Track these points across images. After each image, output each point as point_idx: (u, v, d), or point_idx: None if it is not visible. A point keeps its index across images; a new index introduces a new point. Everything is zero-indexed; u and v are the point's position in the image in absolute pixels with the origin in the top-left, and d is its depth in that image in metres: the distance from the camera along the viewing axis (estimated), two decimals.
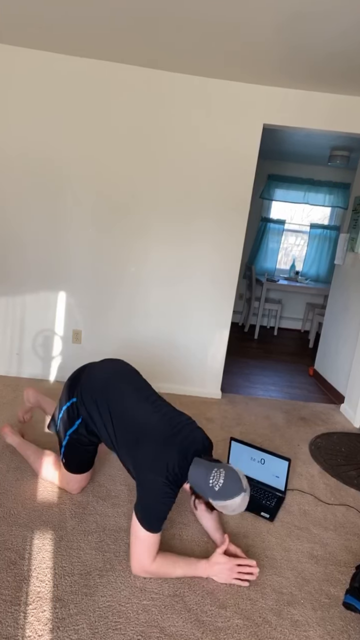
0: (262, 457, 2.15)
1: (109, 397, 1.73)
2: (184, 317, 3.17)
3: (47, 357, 3.21)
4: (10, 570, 1.52)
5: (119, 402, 1.71)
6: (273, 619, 1.46)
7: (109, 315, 3.15)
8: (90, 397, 1.77)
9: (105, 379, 1.80)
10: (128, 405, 1.70)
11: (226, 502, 1.45)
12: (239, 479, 1.46)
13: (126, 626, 1.37)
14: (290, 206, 6.00)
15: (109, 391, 1.75)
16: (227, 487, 1.44)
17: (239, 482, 1.45)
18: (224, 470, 1.48)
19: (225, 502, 1.45)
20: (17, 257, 3.01)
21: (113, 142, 2.86)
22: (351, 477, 2.41)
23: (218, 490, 1.44)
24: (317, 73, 2.49)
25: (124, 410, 1.69)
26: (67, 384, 1.90)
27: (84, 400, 1.78)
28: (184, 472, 1.52)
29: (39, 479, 2.04)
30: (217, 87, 2.79)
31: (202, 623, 1.41)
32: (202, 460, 1.54)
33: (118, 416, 1.68)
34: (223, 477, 1.45)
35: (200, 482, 1.48)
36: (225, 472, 1.47)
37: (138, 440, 1.59)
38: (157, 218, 2.99)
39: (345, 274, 3.73)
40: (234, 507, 1.46)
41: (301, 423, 3.04)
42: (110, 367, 1.90)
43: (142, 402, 1.72)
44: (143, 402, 1.72)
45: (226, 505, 1.45)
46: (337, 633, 1.45)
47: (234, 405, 3.21)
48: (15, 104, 2.76)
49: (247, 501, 1.48)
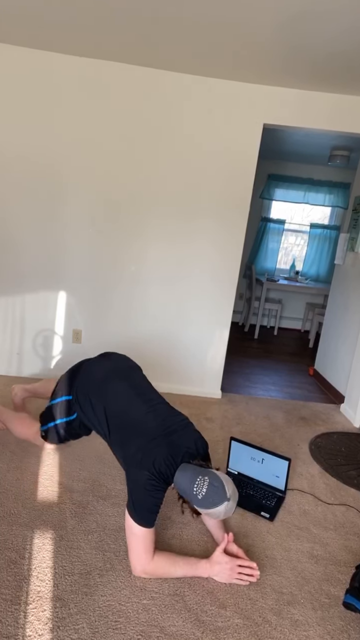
0: (262, 457, 2.15)
1: (104, 397, 1.75)
2: (184, 316, 3.17)
3: (47, 357, 3.21)
4: (11, 569, 1.52)
5: (113, 402, 1.73)
6: (273, 619, 1.46)
7: (109, 314, 3.15)
8: (85, 397, 1.79)
9: (101, 379, 1.81)
10: (122, 404, 1.71)
11: (209, 510, 1.46)
12: (222, 488, 1.46)
13: (126, 625, 1.37)
14: (290, 206, 6.00)
15: (104, 391, 1.76)
16: (209, 496, 1.45)
17: (221, 491, 1.45)
18: (208, 478, 1.48)
19: (209, 510, 1.46)
20: (17, 257, 3.01)
21: (113, 142, 2.86)
22: (351, 477, 2.42)
23: (201, 499, 1.45)
24: (318, 73, 2.49)
25: (119, 410, 1.70)
26: (66, 376, 1.92)
27: (79, 400, 1.80)
28: (171, 471, 1.53)
29: (39, 478, 2.04)
30: (217, 87, 2.79)
31: (202, 623, 1.41)
32: (190, 465, 1.54)
33: (112, 416, 1.70)
34: (206, 485, 1.46)
35: (185, 487, 1.49)
36: (209, 481, 1.47)
37: (129, 438, 1.61)
38: (156, 217, 2.99)
39: (345, 274, 3.73)
40: (218, 514, 1.47)
41: (301, 423, 3.04)
42: (108, 364, 1.90)
43: (137, 401, 1.72)
44: (138, 401, 1.73)
45: (210, 512, 1.47)
46: (337, 633, 1.45)
47: (234, 404, 3.21)
48: (13, 102, 2.76)
49: (234, 508, 1.49)
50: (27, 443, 2.30)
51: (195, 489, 1.46)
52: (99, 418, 1.72)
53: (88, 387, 1.80)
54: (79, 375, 1.87)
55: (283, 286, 5.37)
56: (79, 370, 1.89)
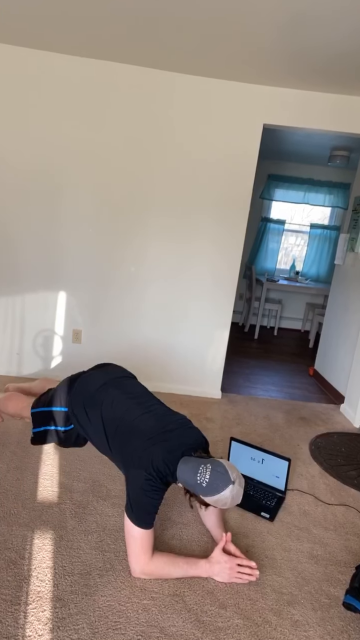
0: (262, 457, 2.15)
1: (99, 406, 1.74)
2: (184, 316, 3.17)
3: (47, 357, 3.21)
4: (11, 569, 1.52)
5: (108, 409, 1.72)
6: (273, 619, 1.46)
7: (109, 314, 3.15)
8: (80, 408, 1.78)
9: (95, 389, 1.80)
10: (118, 410, 1.71)
11: (216, 497, 1.44)
12: (226, 472, 1.45)
13: (126, 626, 1.37)
14: (290, 206, 6.00)
15: (98, 401, 1.76)
16: (214, 481, 1.43)
17: (226, 475, 1.44)
18: (210, 465, 1.47)
19: (215, 496, 1.44)
20: (17, 257, 3.01)
21: (112, 142, 2.86)
22: (351, 477, 2.42)
23: (206, 486, 1.44)
24: (318, 73, 2.49)
25: (114, 416, 1.70)
26: (65, 384, 1.90)
27: (76, 413, 1.80)
28: (171, 469, 1.52)
29: (39, 478, 2.04)
30: (218, 87, 2.79)
31: (202, 623, 1.41)
32: (191, 457, 1.54)
33: (109, 422, 1.69)
34: (209, 472, 1.45)
35: (188, 479, 1.48)
36: (212, 467, 1.46)
37: (127, 440, 1.60)
38: (156, 218, 2.99)
39: (345, 274, 3.73)
40: (225, 501, 1.44)
41: (301, 423, 3.04)
42: (101, 376, 1.89)
43: (132, 405, 1.72)
44: (133, 404, 1.73)
45: (217, 499, 1.44)
46: (337, 633, 1.45)
47: (234, 405, 3.21)
48: (13, 102, 2.76)
49: (241, 493, 1.47)
50: (27, 443, 2.30)
51: (199, 477, 1.45)
52: (96, 427, 1.72)
53: (83, 399, 1.80)
54: (74, 389, 1.86)
55: (283, 286, 5.37)
56: (74, 384, 1.88)
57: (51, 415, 1.87)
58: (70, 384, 1.89)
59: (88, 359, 3.20)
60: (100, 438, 1.71)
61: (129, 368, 3.22)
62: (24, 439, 2.35)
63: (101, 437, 1.71)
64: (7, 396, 2.14)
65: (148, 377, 3.23)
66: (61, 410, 1.85)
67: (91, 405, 1.76)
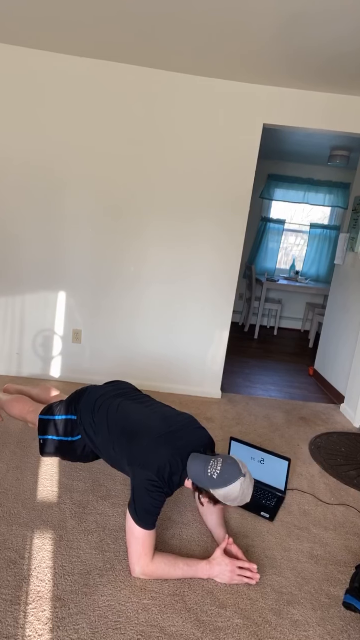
0: (262, 457, 2.15)
1: (105, 412, 1.76)
2: (184, 316, 3.17)
3: (47, 357, 3.21)
4: (11, 569, 1.52)
5: (114, 414, 1.74)
6: (273, 619, 1.46)
7: (109, 314, 3.15)
8: (89, 416, 1.80)
9: (104, 398, 1.84)
10: (123, 413, 1.73)
11: (226, 489, 1.44)
12: (237, 465, 1.46)
13: (126, 626, 1.37)
14: (290, 206, 6.00)
15: (105, 407, 1.79)
16: (225, 473, 1.44)
17: (237, 467, 1.45)
18: (221, 459, 1.49)
19: (225, 488, 1.44)
20: (17, 257, 3.01)
21: (112, 142, 2.86)
22: (351, 477, 2.42)
23: (217, 479, 1.44)
24: (318, 73, 2.49)
25: (120, 418, 1.71)
26: (76, 394, 1.94)
27: (83, 420, 1.81)
28: (177, 469, 1.52)
29: (39, 478, 2.04)
30: (218, 87, 2.79)
31: (202, 623, 1.41)
32: (200, 454, 1.55)
33: (114, 425, 1.71)
34: (221, 464, 1.46)
35: (199, 473, 1.49)
36: (223, 460, 1.48)
37: (133, 441, 1.61)
38: (156, 218, 2.98)
39: (345, 274, 3.73)
40: (235, 495, 1.44)
41: (301, 423, 3.04)
42: (112, 389, 1.94)
43: (139, 408, 1.76)
44: (139, 407, 1.76)
45: (228, 493, 1.44)
46: (337, 633, 1.45)
47: (234, 405, 3.21)
48: (14, 103, 2.76)
49: (251, 491, 1.48)
50: (28, 443, 2.30)
51: (210, 470, 1.46)
52: (101, 430, 1.73)
53: (91, 406, 1.83)
54: (82, 399, 1.88)
55: (283, 286, 5.37)
56: (85, 392, 1.91)
57: (60, 423, 1.88)
58: (81, 394, 1.92)
59: (88, 359, 3.20)
60: (105, 442, 1.72)
61: (129, 368, 3.23)
62: (24, 439, 2.35)
63: (106, 440, 1.71)
64: (15, 398, 2.15)
65: (148, 377, 3.23)
66: (69, 419, 1.86)
67: (97, 411, 1.79)
